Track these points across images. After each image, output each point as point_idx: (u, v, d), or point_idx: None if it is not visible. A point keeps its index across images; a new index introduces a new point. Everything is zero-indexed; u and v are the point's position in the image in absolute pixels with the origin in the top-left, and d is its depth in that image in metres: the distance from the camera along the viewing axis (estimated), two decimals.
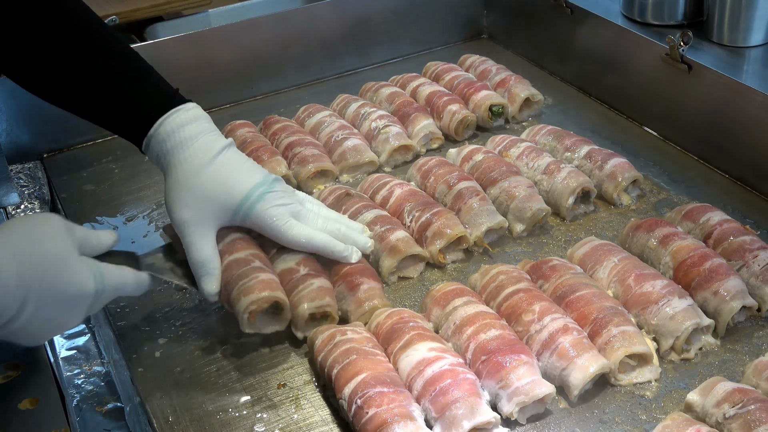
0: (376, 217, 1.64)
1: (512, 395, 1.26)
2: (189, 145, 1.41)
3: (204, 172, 1.40)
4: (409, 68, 2.30)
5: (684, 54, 1.86)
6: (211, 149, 1.42)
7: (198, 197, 1.40)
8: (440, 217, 1.62)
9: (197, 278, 1.42)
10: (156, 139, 1.42)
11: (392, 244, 1.58)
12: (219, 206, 1.41)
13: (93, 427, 1.34)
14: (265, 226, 1.44)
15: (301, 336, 1.45)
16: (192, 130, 1.42)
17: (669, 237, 1.53)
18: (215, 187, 1.40)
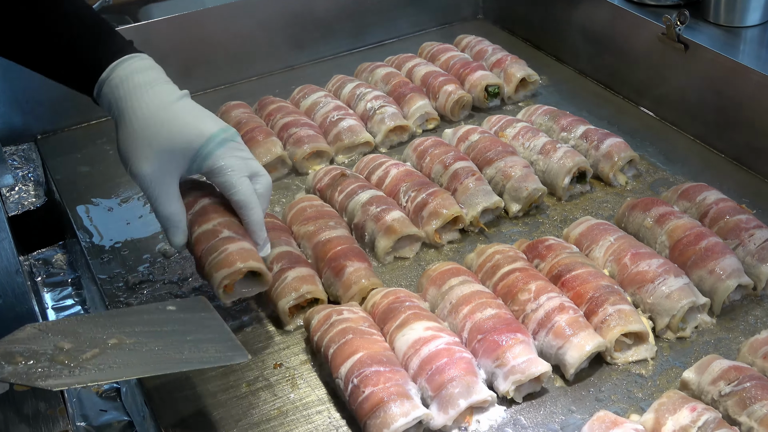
0: (371, 197, 1.63)
1: (508, 374, 1.27)
2: (144, 91, 1.33)
3: (160, 120, 1.32)
4: (404, 49, 2.29)
5: (680, 33, 1.86)
6: (168, 96, 1.34)
7: (155, 147, 1.31)
8: (436, 197, 1.62)
9: (164, 232, 1.37)
10: (109, 84, 1.33)
11: (388, 224, 1.57)
12: (178, 154, 1.33)
13: (89, 407, 1.34)
14: (217, 177, 1.36)
15: (292, 328, 1.46)
16: (146, 77, 1.34)
17: (665, 216, 1.53)
18: (173, 134, 1.32)
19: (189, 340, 1.21)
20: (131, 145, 1.32)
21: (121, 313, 1.30)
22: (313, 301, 1.47)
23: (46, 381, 1.11)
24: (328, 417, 1.30)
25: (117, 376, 1.14)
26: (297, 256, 1.50)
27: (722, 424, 1.14)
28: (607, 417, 1.18)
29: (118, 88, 1.33)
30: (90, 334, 1.17)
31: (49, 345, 1.15)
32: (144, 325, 1.22)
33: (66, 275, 1.71)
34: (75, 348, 1.14)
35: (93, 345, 1.16)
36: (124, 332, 1.18)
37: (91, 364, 1.14)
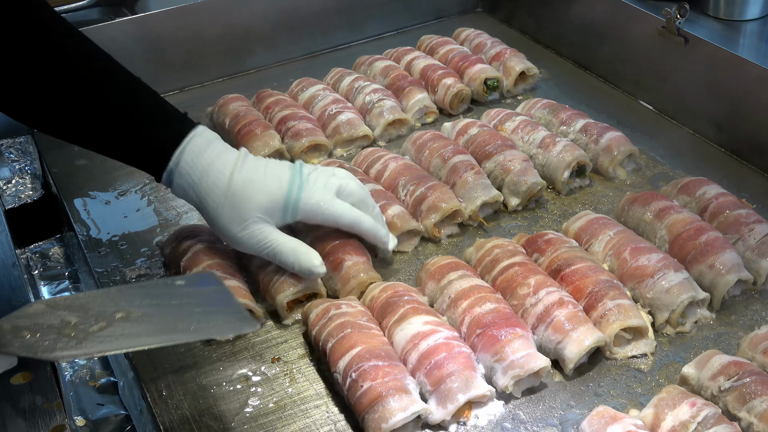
0: (370, 191, 1.63)
1: (507, 368, 1.26)
2: (212, 169, 1.38)
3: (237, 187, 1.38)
4: (403, 42, 2.28)
5: (680, 27, 1.85)
6: (233, 163, 1.39)
7: (244, 210, 1.38)
8: (435, 191, 1.61)
9: (297, 267, 1.40)
10: (179, 173, 1.39)
11: (388, 220, 1.57)
12: (268, 210, 1.40)
13: (86, 401, 1.34)
14: (316, 213, 1.43)
15: (290, 322, 1.45)
16: (210, 154, 1.39)
17: (665, 210, 1.52)
18: (255, 195, 1.38)
19: (197, 312, 1.21)
20: (224, 219, 1.39)
21: (129, 288, 1.30)
22: (311, 296, 1.46)
23: (53, 353, 1.10)
24: (326, 411, 1.30)
25: (124, 346, 1.13)
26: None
27: (722, 419, 1.14)
28: (607, 412, 1.18)
29: (189, 175, 1.38)
30: (97, 308, 1.16)
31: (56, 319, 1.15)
32: (152, 298, 1.21)
33: (63, 268, 1.70)
34: (82, 321, 1.14)
35: (100, 318, 1.15)
36: (132, 305, 1.17)
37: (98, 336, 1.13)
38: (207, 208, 1.40)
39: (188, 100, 2.16)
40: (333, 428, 1.27)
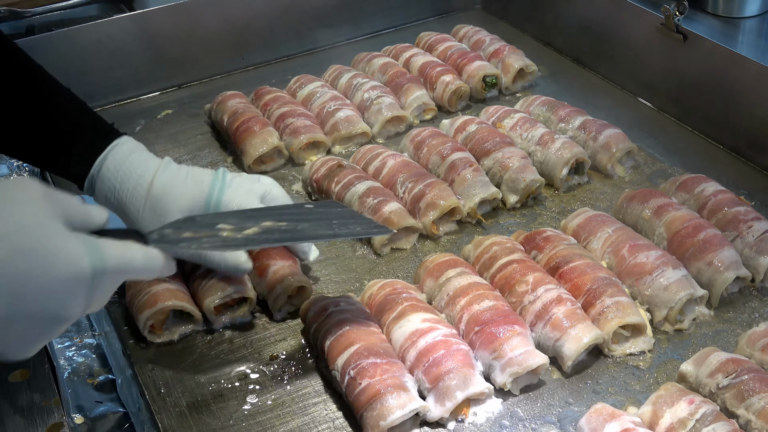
0: (368, 188, 1.63)
1: (505, 366, 1.26)
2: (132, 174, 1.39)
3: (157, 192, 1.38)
4: (402, 39, 2.28)
5: (679, 24, 1.85)
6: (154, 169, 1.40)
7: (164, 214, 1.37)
8: (433, 188, 1.61)
9: (224, 265, 1.40)
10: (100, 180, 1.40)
11: (385, 216, 1.57)
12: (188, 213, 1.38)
13: (84, 398, 1.33)
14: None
15: (218, 326, 1.45)
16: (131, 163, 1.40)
17: (663, 208, 1.52)
18: (176, 199, 1.38)
19: (335, 222, 1.31)
20: (145, 222, 1.38)
21: (264, 209, 1.36)
22: (241, 300, 1.46)
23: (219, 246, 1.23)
24: (324, 409, 1.29)
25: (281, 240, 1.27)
26: None
27: (720, 416, 1.14)
28: (605, 409, 1.18)
29: (111, 180, 1.39)
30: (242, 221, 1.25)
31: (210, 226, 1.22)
32: (290, 215, 1.30)
33: None
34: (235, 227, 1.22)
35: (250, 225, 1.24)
36: (274, 218, 1.26)
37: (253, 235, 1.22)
38: (128, 213, 1.40)
39: (186, 97, 2.16)
40: (331, 426, 1.27)
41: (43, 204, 0.96)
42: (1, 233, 0.90)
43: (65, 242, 0.95)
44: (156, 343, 1.43)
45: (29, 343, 0.97)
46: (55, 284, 0.93)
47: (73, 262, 0.95)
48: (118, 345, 1.43)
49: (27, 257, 0.91)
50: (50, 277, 0.92)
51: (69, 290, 0.95)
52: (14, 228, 0.91)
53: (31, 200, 0.96)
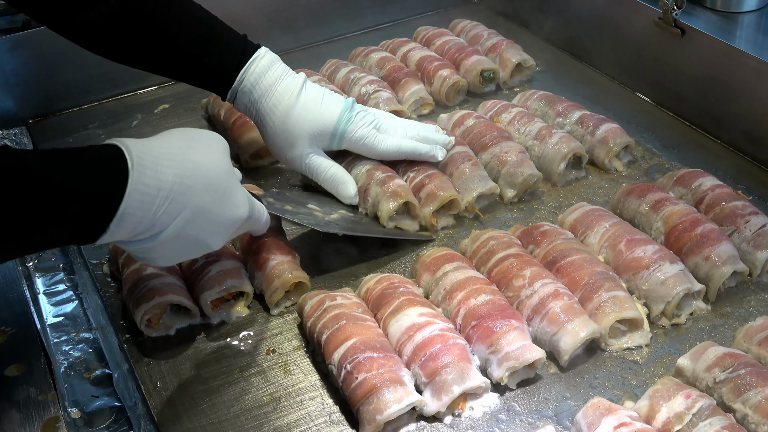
0: (377, 164, 1.63)
1: (502, 360, 1.26)
2: (274, 89, 1.53)
3: (294, 113, 1.52)
4: (399, 33, 2.27)
5: (677, 18, 1.84)
6: (294, 89, 1.53)
7: (297, 135, 1.53)
8: (434, 179, 1.61)
9: (335, 192, 1.59)
10: (242, 91, 1.53)
11: (393, 188, 1.56)
12: (317, 136, 1.55)
13: (81, 393, 1.33)
14: (358, 146, 1.59)
15: (215, 320, 1.45)
16: (270, 76, 1.53)
17: (660, 202, 1.52)
18: (308, 123, 1.53)
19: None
20: (278, 140, 1.55)
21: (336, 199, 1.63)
22: (238, 294, 1.46)
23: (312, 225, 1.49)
24: (321, 403, 1.29)
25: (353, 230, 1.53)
26: (224, 249, 1.48)
27: (717, 411, 1.14)
28: (602, 404, 1.17)
29: (252, 92, 1.53)
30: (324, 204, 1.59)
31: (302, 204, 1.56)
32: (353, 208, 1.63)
33: (58, 260, 1.69)
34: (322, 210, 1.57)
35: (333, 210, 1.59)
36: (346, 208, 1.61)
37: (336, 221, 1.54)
38: (265, 126, 1.55)
39: (183, 91, 2.15)
40: (328, 420, 1.27)
41: (228, 156, 1.27)
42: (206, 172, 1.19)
43: (237, 191, 1.28)
44: (153, 338, 1.42)
45: (175, 259, 1.25)
46: (223, 221, 1.24)
47: (239, 209, 1.27)
48: (115, 339, 1.43)
49: (216, 195, 1.21)
50: (222, 216, 1.23)
51: (227, 227, 1.27)
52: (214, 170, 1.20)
53: (223, 151, 1.26)
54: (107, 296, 1.52)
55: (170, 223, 1.14)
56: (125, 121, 2.06)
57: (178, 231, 1.16)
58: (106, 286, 1.54)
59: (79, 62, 2.04)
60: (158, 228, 1.13)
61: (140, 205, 1.08)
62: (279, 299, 1.45)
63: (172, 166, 1.13)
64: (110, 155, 1.08)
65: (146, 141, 1.15)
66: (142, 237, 1.14)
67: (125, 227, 1.09)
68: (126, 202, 1.06)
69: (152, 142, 1.15)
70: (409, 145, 1.62)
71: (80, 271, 1.62)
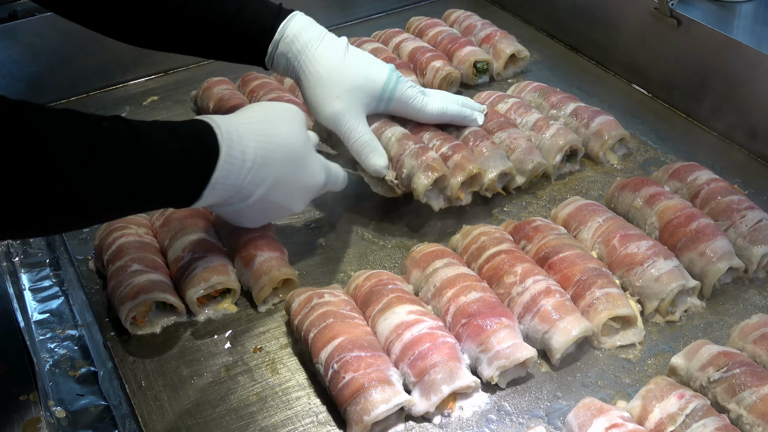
0: (405, 133, 1.58)
1: (493, 359, 1.24)
2: (317, 43, 1.50)
3: (343, 65, 1.49)
4: (392, 23, 2.24)
5: (673, 8, 1.82)
6: (340, 44, 1.52)
7: (345, 87, 1.49)
8: (460, 150, 1.56)
9: (364, 158, 1.51)
10: (283, 43, 1.50)
11: (428, 162, 1.50)
12: (366, 94, 1.51)
13: (66, 392, 1.31)
14: (407, 107, 1.56)
15: (201, 319, 1.43)
16: (312, 32, 1.51)
17: (655, 196, 1.50)
18: (358, 77, 1.50)
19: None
20: (320, 90, 1.49)
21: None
22: (225, 291, 1.44)
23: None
24: (308, 403, 1.27)
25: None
26: (210, 245, 1.46)
27: (710, 411, 1.12)
28: (593, 404, 1.15)
29: (293, 43, 1.50)
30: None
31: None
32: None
33: (44, 256, 1.67)
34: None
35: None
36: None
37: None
38: (309, 76, 1.50)
39: (172, 83, 2.13)
40: (315, 420, 1.24)
41: (305, 127, 1.38)
42: (285, 144, 1.31)
43: (315, 160, 1.39)
44: (138, 335, 1.40)
45: (262, 221, 1.43)
46: (302, 187, 1.37)
47: (316, 176, 1.39)
48: (100, 337, 1.41)
49: (294, 165, 1.33)
50: (301, 182, 1.36)
51: (307, 193, 1.40)
52: (292, 142, 1.33)
53: (300, 122, 1.37)
54: (93, 293, 1.50)
55: (255, 190, 1.29)
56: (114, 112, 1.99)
57: (262, 196, 1.30)
58: (92, 282, 1.52)
59: (66, 54, 2.02)
60: (245, 194, 1.28)
61: (228, 174, 1.23)
62: (266, 296, 1.43)
63: (254, 140, 1.26)
64: (204, 130, 1.23)
65: (232, 117, 1.30)
66: (231, 202, 1.29)
67: (216, 194, 1.24)
68: (218, 172, 1.21)
69: (237, 118, 1.30)
70: (454, 108, 1.61)
71: (66, 266, 1.60)
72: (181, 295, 1.42)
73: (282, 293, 1.45)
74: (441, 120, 1.61)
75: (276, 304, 1.45)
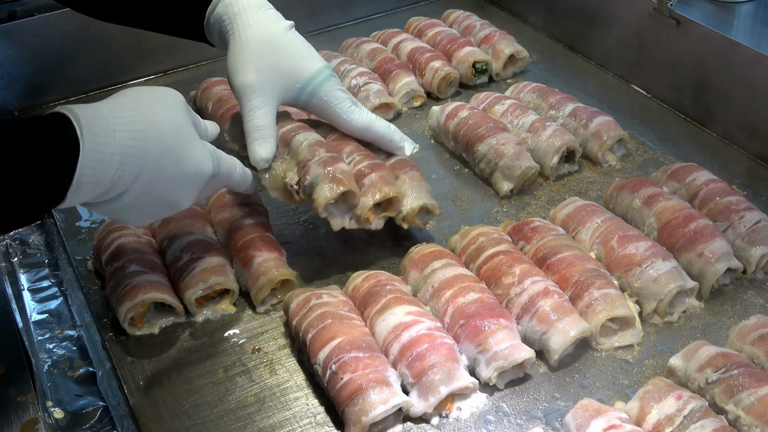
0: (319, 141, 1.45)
1: (491, 360, 1.23)
2: (255, 12, 1.41)
3: (276, 41, 1.40)
4: (391, 24, 2.24)
5: (672, 9, 1.82)
6: (278, 23, 1.42)
7: (267, 63, 1.39)
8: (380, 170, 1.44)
9: (250, 143, 1.40)
10: (222, 3, 1.41)
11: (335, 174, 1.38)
12: (288, 78, 1.41)
13: (64, 392, 1.32)
14: (328, 108, 1.45)
15: (200, 320, 1.42)
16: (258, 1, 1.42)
17: (654, 197, 1.50)
18: (287, 59, 1.40)
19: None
20: (241, 57, 1.39)
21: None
22: (223, 292, 1.44)
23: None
24: (306, 404, 1.27)
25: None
26: (208, 246, 1.46)
27: (708, 412, 1.12)
28: (591, 405, 1.15)
29: (232, 5, 1.40)
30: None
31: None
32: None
33: (43, 256, 1.67)
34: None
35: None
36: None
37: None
38: (233, 42, 1.40)
39: (172, 83, 2.12)
40: (313, 421, 1.24)
41: (185, 112, 1.24)
42: (159, 132, 1.17)
43: (199, 147, 1.24)
44: (136, 336, 1.40)
45: (145, 219, 1.26)
46: (184, 179, 1.23)
47: (201, 165, 1.24)
48: (99, 337, 1.41)
49: (172, 154, 1.19)
50: (183, 173, 1.22)
51: (191, 185, 1.25)
52: (168, 129, 1.18)
53: (178, 107, 1.23)
54: (91, 293, 1.50)
55: (129, 185, 1.14)
56: None
57: (139, 191, 1.16)
58: (90, 283, 1.52)
59: (64, 54, 2.02)
60: (119, 190, 1.14)
61: (94, 171, 1.08)
62: (265, 297, 1.43)
63: (123, 129, 1.12)
64: (60, 123, 1.07)
65: (96, 106, 1.14)
66: (104, 199, 1.14)
67: (85, 192, 1.10)
68: (80, 170, 1.06)
69: (102, 106, 1.14)
70: (381, 126, 1.48)
71: (64, 267, 1.60)
72: (179, 296, 1.42)
73: (280, 294, 1.45)
74: (365, 135, 1.48)
75: (274, 305, 1.45)
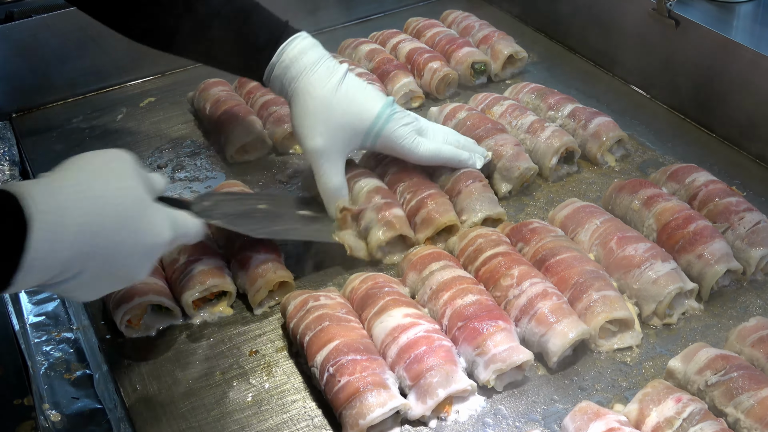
0: (377, 187, 1.53)
1: (489, 362, 1.23)
2: (313, 71, 1.45)
3: (333, 101, 1.45)
4: (389, 24, 2.24)
5: (672, 9, 1.81)
6: (335, 74, 1.46)
7: (330, 125, 1.45)
8: (432, 200, 1.52)
9: (327, 204, 1.50)
10: (279, 67, 1.47)
11: (388, 218, 1.47)
12: (351, 132, 1.47)
13: (61, 394, 1.31)
14: (395, 146, 1.50)
15: (197, 322, 1.42)
16: (313, 56, 1.47)
17: (653, 198, 1.49)
18: (346, 114, 1.45)
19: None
20: (306, 122, 1.45)
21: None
22: (221, 294, 1.43)
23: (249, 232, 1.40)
24: (304, 406, 1.26)
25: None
26: (206, 248, 1.45)
27: (708, 415, 1.11)
28: (590, 408, 1.15)
29: (289, 69, 1.46)
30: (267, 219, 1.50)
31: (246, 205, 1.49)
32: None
33: None
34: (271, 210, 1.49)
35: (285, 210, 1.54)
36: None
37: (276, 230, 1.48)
38: (298, 105, 1.46)
39: (169, 84, 2.12)
40: (310, 424, 1.24)
41: (137, 176, 1.14)
42: (114, 204, 1.08)
43: (154, 215, 1.15)
44: (133, 338, 1.40)
45: (98, 294, 1.15)
46: (140, 251, 1.13)
47: (159, 234, 1.15)
48: (96, 340, 1.40)
49: (129, 227, 1.09)
50: (139, 246, 1.12)
51: (148, 256, 1.16)
52: (123, 201, 1.09)
53: (130, 172, 1.13)
54: None
55: (84, 266, 1.06)
56: (110, 114, 2.03)
57: (94, 271, 1.08)
58: None
59: (62, 55, 2.02)
60: (72, 272, 1.05)
61: (46, 255, 0.99)
62: (262, 299, 1.42)
63: (76, 207, 1.03)
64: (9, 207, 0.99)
65: (47, 183, 1.05)
66: (57, 281, 1.05)
67: (36, 276, 1.01)
68: (31, 252, 0.97)
69: (53, 183, 1.06)
70: (448, 151, 1.55)
71: None
72: (176, 298, 1.41)
73: (278, 296, 1.44)
74: (434, 163, 1.55)
75: (272, 307, 1.44)
